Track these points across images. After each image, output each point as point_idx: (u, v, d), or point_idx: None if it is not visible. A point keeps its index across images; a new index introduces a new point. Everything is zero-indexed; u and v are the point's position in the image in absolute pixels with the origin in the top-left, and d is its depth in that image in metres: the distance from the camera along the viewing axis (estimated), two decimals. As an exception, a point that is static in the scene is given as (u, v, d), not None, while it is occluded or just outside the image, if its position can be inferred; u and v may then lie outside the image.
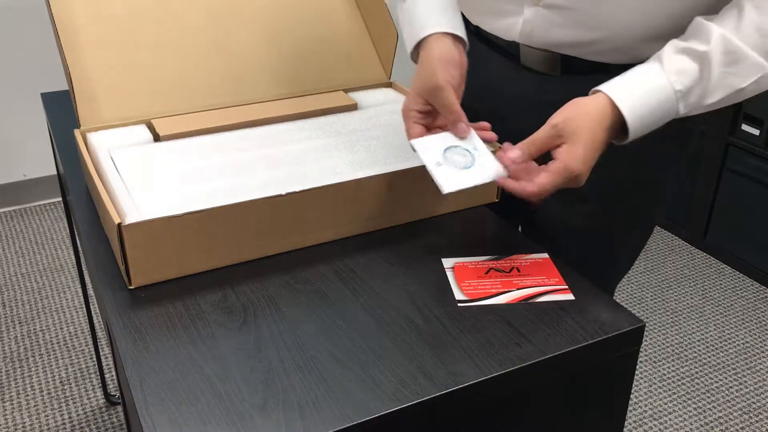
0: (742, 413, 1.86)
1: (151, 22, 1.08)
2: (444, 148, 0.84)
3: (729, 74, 0.80)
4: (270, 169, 0.91)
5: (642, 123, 0.81)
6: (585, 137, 0.79)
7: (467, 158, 0.83)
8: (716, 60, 0.79)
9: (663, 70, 0.81)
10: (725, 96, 0.81)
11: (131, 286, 0.81)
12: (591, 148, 0.80)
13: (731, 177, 2.35)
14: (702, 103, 0.81)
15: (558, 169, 0.79)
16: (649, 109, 0.81)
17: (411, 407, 0.66)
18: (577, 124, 0.80)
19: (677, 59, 0.81)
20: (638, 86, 0.82)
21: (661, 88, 0.81)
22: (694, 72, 0.80)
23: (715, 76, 0.80)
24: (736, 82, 0.80)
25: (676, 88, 0.80)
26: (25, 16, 2.47)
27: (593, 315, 0.77)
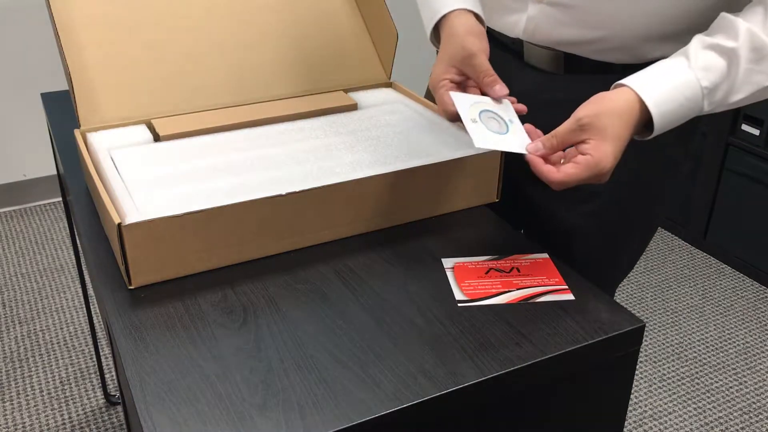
0: (742, 413, 1.86)
1: (151, 22, 1.08)
2: (481, 110, 0.84)
3: (755, 71, 0.79)
4: (270, 170, 0.91)
5: (667, 120, 0.80)
6: (613, 134, 0.78)
7: (501, 126, 0.83)
8: (744, 57, 0.78)
9: (690, 66, 0.79)
10: (750, 94, 0.80)
11: (131, 286, 0.81)
12: (619, 145, 0.78)
13: (731, 177, 2.35)
14: (727, 101, 0.80)
15: (588, 163, 0.77)
16: (676, 105, 0.79)
17: (411, 407, 0.66)
18: (605, 121, 0.78)
19: (704, 55, 0.79)
20: (665, 82, 0.80)
21: (687, 85, 0.79)
22: (721, 69, 0.79)
23: (742, 73, 0.78)
24: (762, 79, 0.79)
25: (703, 85, 0.79)
26: (25, 16, 2.47)
27: (593, 315, 0.77)
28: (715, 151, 2.36)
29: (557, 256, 0.87)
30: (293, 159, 0.94)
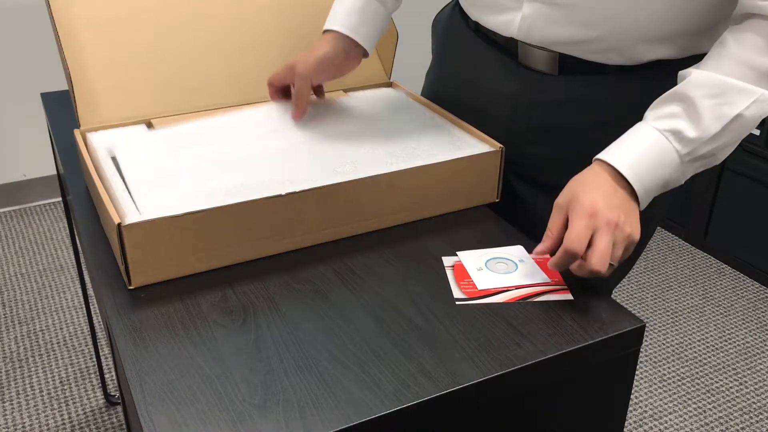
0: (742, 413, 1.86)
1: (151, 22, 1.08)
2: (487, 259, 0.86)
3: (718, 105, 0.79)
4: (271, 166, 0.92)
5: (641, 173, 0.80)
6: (590, 186, 0.79)
7: (509, 266, 0.85)
8: (697, 93, 0.79)
9: (646, 121, 0.82)
10: (725, 126, 0.79)
11: (131, 286, 0.81)
12: (602, 191, 0.79)
13: (731, 177, 2.35)
14: (704, 137, 0.79)
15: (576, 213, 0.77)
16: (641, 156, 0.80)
17: (411, 407, 0.66)
18: (577, 188, 0.80)
19: (657, 107, 0.82)
20: (624, 140, 0.82)
21: (646, 133, 0.81)
22: (677, 111, 0.80)
23: (705, 109, 0.79)
24: (728, 110, 0.79)
25: (660, 128, 0.80)
26: (25, 16, 2.47)
27: (593, 315, 0.77)
28: (715, 151, 2.36)
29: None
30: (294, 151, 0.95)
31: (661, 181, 0.81)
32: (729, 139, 0.81)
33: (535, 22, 0.92)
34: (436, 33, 1.13)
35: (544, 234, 0.81)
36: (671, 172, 0.81)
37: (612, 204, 0.78)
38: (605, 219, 0.77)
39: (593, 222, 0.77)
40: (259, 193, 0.83)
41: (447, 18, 1.10)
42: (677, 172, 0.81)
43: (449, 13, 1.10)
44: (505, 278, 0.83)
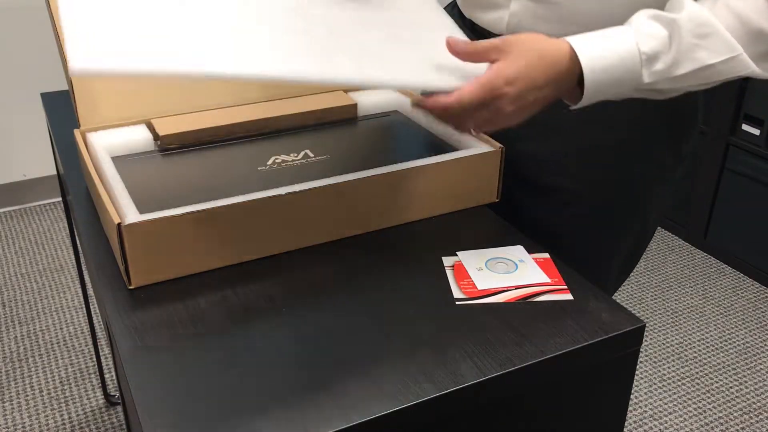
0: (742, 413, 1.86)
1: (151, 22, 1.08)
2: (487, 259, 0.86)
3: (698, 47, 0.75)
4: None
5: (599, 79, 0.75)
6: (524, 59, 0.74)
7: (509, 265, 0.85)
8: (686, 28, 0.75)
9: (631, 30, 0.77)
10: (694, 70, 0.76)
11: (131, 286, 0.81)
12: (526, 75, 0.74)
13: (731, 177, 2.35)
14: (670, 74, 0.76)
15: (477, 82, 0.73)
16: (609, 63, 0.76)
17: (411, 407, 0.66)
18: (521, 44, 0.75)
19: (647, 23, 0.77)
20: (603, 40, 0.77)
21: (626, 45, 0.76)
22: (662, 37, 0.76)
23: (685, 46, 0.75)
24: (705, 56, 0.75)
25: (642, 50, 0.76)
26: (25, 16, 2.47)
27: (593, 315, 0.77)
28: (715, 151, 2.36)
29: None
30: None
31: (609, 95, 0.78)
32: (689, 83, 0.78)
33: (523, 19, 0.93)
34: None
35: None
36: (624, 90, 0.78)
37: (527, 93, 0.74)
38: (501, 108, 0.74)
39: (492, 111, 0.74)
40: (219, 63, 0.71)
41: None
42: (626, 91, 0.78)
43: (449, 12, 1.10)
44: (505, 278, 0.83)
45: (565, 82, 0.77)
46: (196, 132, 1.01)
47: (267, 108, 1.07)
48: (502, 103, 0.74)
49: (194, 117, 1.04)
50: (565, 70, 0.76)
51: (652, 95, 0.80)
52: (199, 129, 1.01)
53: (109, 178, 0.89)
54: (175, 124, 1.01)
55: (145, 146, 1.00)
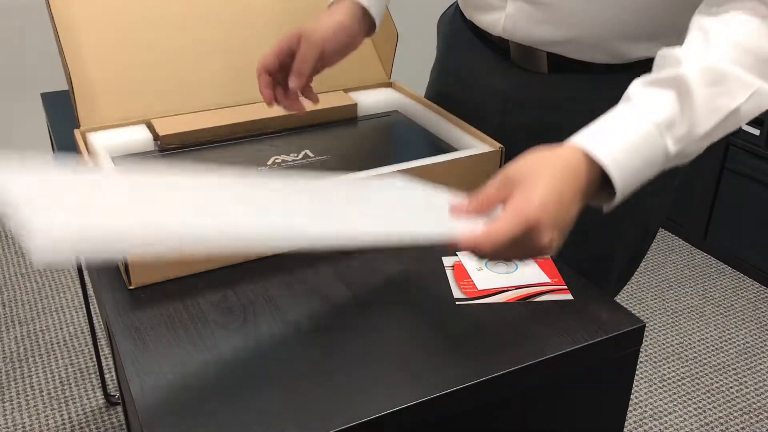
0: (742, 413, 1.86)
1: (151, 22, 1.08)
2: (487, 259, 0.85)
3: (717, 95, 0.67)
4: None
5: (626, 171, 0.67)
6: (543, 181, 0.65)
7: (509, 265, 0.85)
8: (695, 82, 0.67)
9: (634, 106, 0.69)
10: (720, 121, 0.68)
11: (131, 286, 0.81)
12: (554, 194, 0.65)
13: (731, 177, 2.35)
14: (695, 134, 0.68)
15: (506, 215, 0.64)
16: (629, 152, 0.67)
17: (411, 407, 0.66)
18: (533, 168, 0.66)
19: (646, 93, 0.69)
20: (611, 132, 0.68)
21: (637, 124, 0.68)
22: (671, 100, 0.68)
23: (701, 99, 0.67)
24: (727, 102, 0.68)
25: (657, 121, 0.67)
26: (25, 16, 2.47)
27: (593, 315, 0.77)
28: (715, 151, 2.36)
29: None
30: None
31: (640, 183, 0.69)
32: (718, 136, 0.70)
33: (518, 21, 0.93)
34: (441, 31, 1.14)
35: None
36: (654, 172, 0.69)
37: (559, 212, 0.65)
38: (538, 235, 0.64)
39: (529, 239, 0.64)
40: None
41: (450, 17, 1.11)
42: (656, 171, 0.70)
43: (452, 12, 1.11)
44: (505, 278, 0.83)
45: (591, 188, 0.68)
46: (196, 132, 1.01)
47: (267, 108, 1.07)
48: (538, 234, 0.64)
49: (194, 117, 1.04)
50: (586, 175, 0.67)
51: (679, 161, 0.71)
52: (199, 129, 1.01)
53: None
54: (175, 124, 1.01)
55: (145, 146, 1.00)
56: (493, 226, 0.63)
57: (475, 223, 0.66)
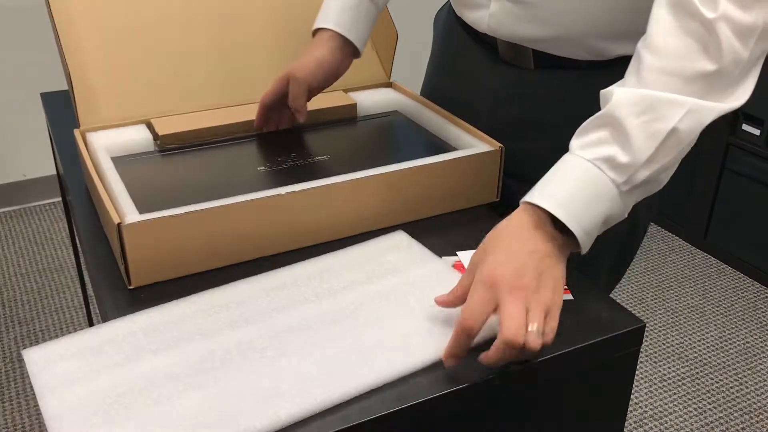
0: (742, 413, 1.86)
1: (151, 22, 1.08)
2: None
3: (650, 122, 0.69)
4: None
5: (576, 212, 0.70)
6: (502, 243, 0.70)
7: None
8: (623, 113, 0.70)
9: (572, 151, 0.72)
10: (660, 144, 0.70)
11: (131, 286, 0.81)
12: (513, 249, 0.69)
13: (731, 177, 2.35)
14: (638, 161, 0.70)
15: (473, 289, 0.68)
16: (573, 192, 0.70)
17: (411, 407, 0.66)
18: (489, 243, 0.71)
19: (582, 135, 0.73)
20: (551, 177, 0.72)
21: (576, 166, 0.71)
22: (604, 136, 0.71)
23: (635, 129, 0.69)
24: (662, 126, 0.69)
25: (590, 158, 0.70)
26: (25, 16, 2.47)
27: (593, 315, 0.77)
28: (715, 151, 2.36)
29: None
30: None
31: (601, 218, 0.71)
32: (667, 159, 0.71)
33: (502, 19, 0.94)
34: (436, 29, 1.16)
35: None
36: (611, 205, 0.71)
37: (522, 266, 0.67)
38: (508, 286, 0.66)
39: (491, 293, 0.66)
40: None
41: (445, 14, 1.13)
42: (617, 204, 0.71)
43: (447, 10, 1.12)
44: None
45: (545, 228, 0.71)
46: (195, 132, 1.01)
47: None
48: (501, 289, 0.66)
49: (194, 117, 1.04)
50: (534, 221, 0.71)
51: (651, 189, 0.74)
52: (199, 129, 1.01)
53: (109, 178, 0.89)
54: (175, 124, 1.01)
55: (144, 146, 1.00)
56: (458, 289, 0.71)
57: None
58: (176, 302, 0.77)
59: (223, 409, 0.64)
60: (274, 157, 0.98)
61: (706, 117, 0.72)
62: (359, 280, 0.81)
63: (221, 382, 0.67)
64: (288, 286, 0.80)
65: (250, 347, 0.71)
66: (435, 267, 0.83)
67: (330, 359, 0.70)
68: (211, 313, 0.76)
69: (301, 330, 0.73)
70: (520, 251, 0.69)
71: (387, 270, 0.82)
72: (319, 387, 0.66)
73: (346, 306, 0.77)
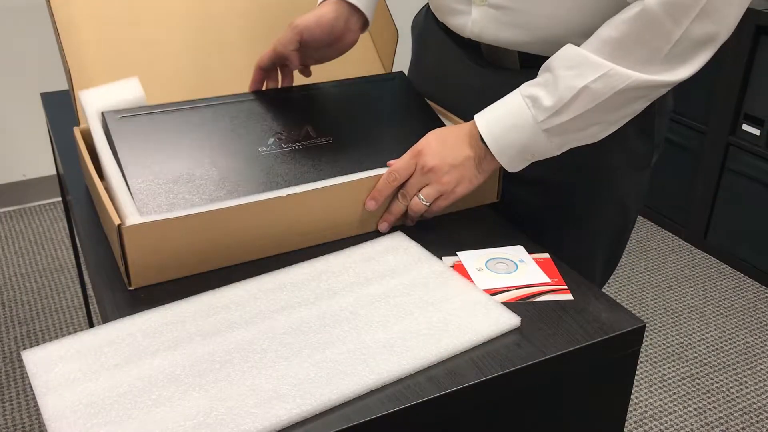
0: (742, 414, 1.86)
1: (151, 22, 1.08)
2: (487, 259, 0.86)
3: (572, 77, 0.82)
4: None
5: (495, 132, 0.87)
6: (440, 133, 0.90)
7: (509, 265, 0.85)
8: (556, 64, 0.84)
9: (519, 89, 0.87)
10: (573, 97, 0.82)
11: (131, 286, 0.81)
12: (444, 139, 0.89)
13: (731, 177, 2.35)
14: (558, 107, 0.83)
15: (408, 152, 0.89)
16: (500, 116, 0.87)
17: (411, 407, 0.66)
18: (440, 132, 0.90)
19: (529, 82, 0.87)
20: (498, 102, 0.88)
21: (512, 97, 0.87)
22: (540, 81, 0.85)
23: (561, 80, 0.83)
24: (578, 81, 0.82)
25: (523, 93, 0.86)
26: (25, 16, 2.47)
27: (593, 315, 0.77)
28: (715, 151, 2.36)
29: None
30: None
31: (518, 143, 0.86)
32: (579, 111, 0.83)
33: (484, 25, 0.95)
34: (414, 34, 1.16)
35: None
36: (529, 136, 0.86)
37: (443, 154, 0.88)
38: (423, 162, 0.88)
39: (416, 159, 0.88)
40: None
41: (422, 19, 1.14)
42: (538, 138, 0.86)
43: (424, 14, 1.13)
44: (505, 278, 0.82)
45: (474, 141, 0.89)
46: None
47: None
48: (423, 158, 0.88)
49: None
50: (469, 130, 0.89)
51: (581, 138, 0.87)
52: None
53: (109, 178, 0.89)
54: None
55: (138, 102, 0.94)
56: (397, 162, 0.90)
57: None
58: (176, 303, 0.77)
59: (223, 410, 0.64)
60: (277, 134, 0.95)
61: (617, 82, 0.81)
62: (358, 282, 0.81)
63: (221, 383, 0.67)
64: (287, 287, 0.80)
65: (249, 348, 0.71)
66: (434, 268, 0.83)
67: (330, 360, 0.70)
68: (211, 314, 0.76)
69: (301, 331, 0.73)
70: (452, 147, 0.88)
71: (386, 271, 0.82)
72: (319, 388, 0.66)
73: (346, 307, 0.77)
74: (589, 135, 0.87)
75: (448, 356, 0.71)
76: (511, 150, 0.87)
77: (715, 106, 2.30)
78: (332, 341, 0.72)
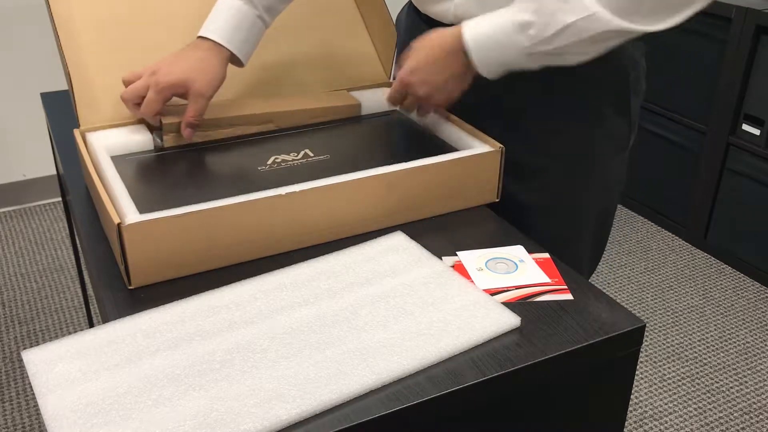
0: (742, 413, 1.86)
1: (150, 22, 1.08)
2: (487, 259, 0.86)
3: (560, 10, 0.86)
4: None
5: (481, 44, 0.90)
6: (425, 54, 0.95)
7: (509, 265, 0.85)
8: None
9: (509, 8, 0.90)
10: (557, 31, 0.86)
11: (131, 286, 0.81)
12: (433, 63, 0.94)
13: (731, 177, 2.35)
14: (543, 36, 0.87)
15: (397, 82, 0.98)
16: (490, 30, 0.90)
17: (411, 407, 0.66)
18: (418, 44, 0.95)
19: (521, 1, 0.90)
20: (484, 18, 0.91)
21: (504, 16, 0.89)
22: (531, 9, 0.88)
23: (549, 11, 0.86)
24: (564, 17, 0.85)
25: (514, 19, 0.88)
26: (25, 16, 2.47)
27: (593, 315, 0.77)
28: (715, 151, 2.36)
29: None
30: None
31: (501, 60, 0.91)
32: (563, 44, 0.87)
33: (467, 9, 0.97)
34: (398, 30, 1.18)
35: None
36: (514, 57, 0.90)
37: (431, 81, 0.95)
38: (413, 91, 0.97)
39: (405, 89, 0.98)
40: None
41: (405, 15, 1.16)
42: (521, 58, 0.90)
43: (406, 11, 1.14)
44: (505, 278, 0.83)
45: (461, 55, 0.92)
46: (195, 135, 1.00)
47: (268, 104, 1.07)
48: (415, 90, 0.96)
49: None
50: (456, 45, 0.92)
51: (560, 60, 0.90)
52: (205, 118, 1.00)
53: (109, 178, 0.89)
54: (177, 115, 1.00)
55: (144, 146, 1.00)
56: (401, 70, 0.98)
57: None
58: (176, 303, 0.77)
59: (223, 410, 0.64)
60: (274, 156, 0.98)
61: (599, 25, 0.85)
62: (358, 282, 0.81)
63: (221, 383, 0.67)
64: (288, 287, 0.80)
65: (250, 348, 0.71)
66: (434, 268, 0.83)
67: (330, 360, 0.70)
68: (211, 313, 0.76)
69: (301, 331, 0.73)
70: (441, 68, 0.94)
71: (386, 271, 0.82)
72: (319, 388, 0.66)
73: (346, 307, 0.77)
74: (566, 60, 0.91)
75: (448, 356, 0.71)
76: (494, 65, 0.92)
77: (715, 106, 2.30)
78: (332, 341, 0.72)
